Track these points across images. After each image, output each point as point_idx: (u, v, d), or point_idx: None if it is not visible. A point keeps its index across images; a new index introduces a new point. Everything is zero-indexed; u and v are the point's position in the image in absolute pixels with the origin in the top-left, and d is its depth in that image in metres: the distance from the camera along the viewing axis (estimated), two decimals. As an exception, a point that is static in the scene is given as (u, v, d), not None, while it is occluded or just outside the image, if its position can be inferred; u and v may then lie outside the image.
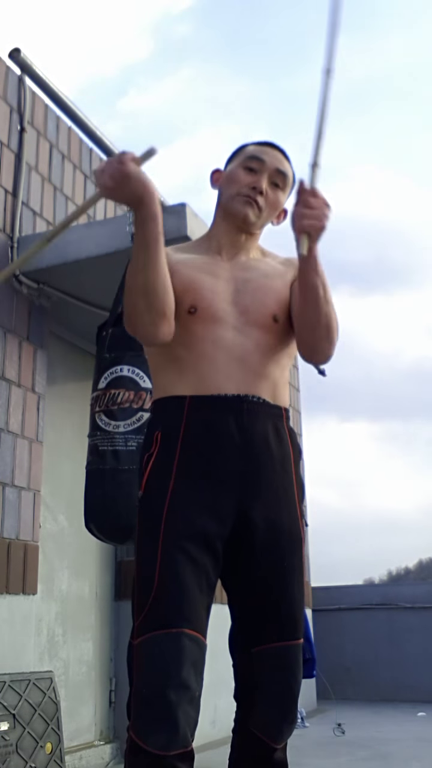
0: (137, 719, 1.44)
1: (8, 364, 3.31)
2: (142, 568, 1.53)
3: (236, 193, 1.74)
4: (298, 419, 7.20)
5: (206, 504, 1.56)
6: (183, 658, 1.44)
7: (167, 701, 1.41)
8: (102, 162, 1.48)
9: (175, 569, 1.49)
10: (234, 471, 1.58)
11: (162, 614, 1.46)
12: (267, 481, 1.62)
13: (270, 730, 1.58)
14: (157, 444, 1.60)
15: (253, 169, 1.74)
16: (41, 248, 1.64)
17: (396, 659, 7.35)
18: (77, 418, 3.88)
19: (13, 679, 2.83)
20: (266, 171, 1.75)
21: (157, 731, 1.41)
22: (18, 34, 52.59)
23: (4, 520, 3.13)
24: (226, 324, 1.66)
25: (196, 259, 1.74)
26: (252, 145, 1.79)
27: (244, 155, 1.77)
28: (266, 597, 1.60)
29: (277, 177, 1.75)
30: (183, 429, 1.59)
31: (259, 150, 1.77)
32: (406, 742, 4.62)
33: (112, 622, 4.03)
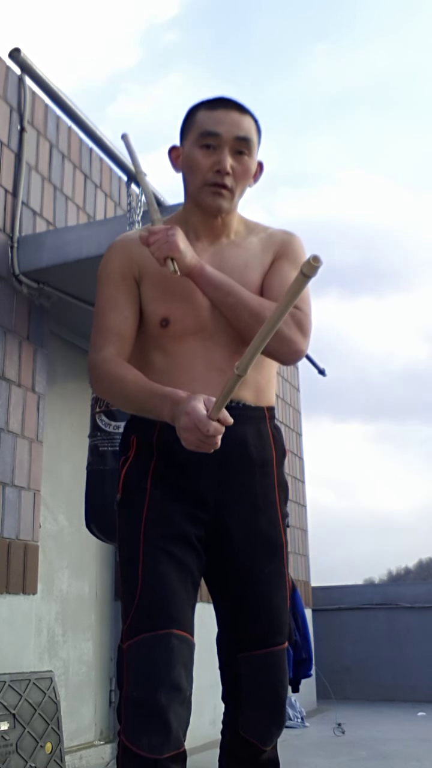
0: (128, 723, 1.42)
1: (8, 364, 3.31)
2: (125, 571, 1.52)
3: (202, 183, 1.59)
4: (298, 419, 7.20)
5: (183, 510, 1.53)
6: (173, 660, 1.42)
7: (158, 704, 1.38)
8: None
9: (159, 570, 1.47)
10: (209, 480, 1.54)
11: (148, 616, 1.44)
12: (244, 489, 1.57)
13: (259, 733, 1.56)
14: (133, 448, 1.59)
15: (210, 146, 1.57)
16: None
17: (396, 659, 7.35)
18: (77, 418, 3.89)
19: (13, 679, 2.83)
20: (226, 144, 1.57)
21: (149, 734, 1.38)
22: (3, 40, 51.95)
23: (4, 520, 3.13)
24: (203, 333, 1.58)
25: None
26: (202, 110, 1.60)
27: (198, 130, 1.59)
28: (246, 605, 1.57)
29: (239, 145, 1.58)
30: (157, 435, 1.55)
31: (211, 119, 1.58)
32: (406, 742, 4.62)
33: (112, 622, 4.03)
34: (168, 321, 1.57)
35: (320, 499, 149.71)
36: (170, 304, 1.58)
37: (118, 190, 4.47)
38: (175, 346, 1.58)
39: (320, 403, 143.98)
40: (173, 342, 1.58)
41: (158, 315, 1.58)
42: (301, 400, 7.35)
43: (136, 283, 1.62)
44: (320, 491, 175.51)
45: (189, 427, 1.35)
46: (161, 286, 1.59)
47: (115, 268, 1.64)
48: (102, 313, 1.63)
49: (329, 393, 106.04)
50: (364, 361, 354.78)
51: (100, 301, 1.64)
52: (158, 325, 1.58)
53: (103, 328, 1.62)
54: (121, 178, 4.44)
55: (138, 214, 3.08)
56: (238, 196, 1.63)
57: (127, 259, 1.64)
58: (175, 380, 1.54)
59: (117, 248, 1.67)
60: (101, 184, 4.32)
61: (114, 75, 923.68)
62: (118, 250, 1.66)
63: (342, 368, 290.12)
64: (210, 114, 1.59)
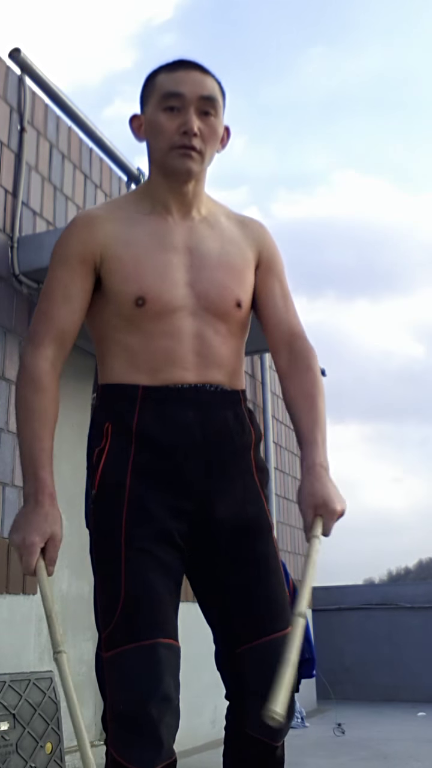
0: (118, 737, 1.36)
1: (8, 364, 3.31)
2: (103, 574, 1.45)
3: (168, 147, 1.49)
4: (298, 419, 7.19)
5: (166, 503, 1.44)
6: (161, 671, 1.36)
7: (149, 718, 1.33)
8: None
9: (143, 575, 1.39)
10: (195, 469, 1.46)
11: (133, 626, 1.37)
12: (230, 477, 1.50)
13: (269, 729, 1.41)
14: (107, 437, 1.48)
15: (174, 108, 1.48)
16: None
17: (396, 659, 7.35)
18: (77, 418, 3.88)
19: (13, 679, 2.83)
20: (190, 104, 1.48)
21: (140, 749, 1.33)
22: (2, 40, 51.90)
23: (4, 520, 3.13)
24: (182, 311, 1.49)
25: (141, 231, 1.52)
26: (162, 74, 1.52)
27: (159, 93, 1.50)
28: (240, 592, 1.49)
29: (204, 105, 1.49)
30: (136, 422, 1.45)
31: (172, 80, 1.49)
32: (406, 742, 4.62)
33: (112, 622, 4.03)
34: (144, 300, 1.45)
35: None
36: (144, 282, 1.46)
37: (118, 190, 4.47)
38: (153, 325, 1.47)
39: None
40: (151, 321, 1.47)
41: (131, 294, 1.46)
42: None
43: (95, 267, 1.49)
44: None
45: (18, 548, 1.42)
46: (131, 264, 1.47)
47: (74, 249, 1.50)
48: (50, 298, 1.50)
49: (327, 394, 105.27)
50: (361, 362, 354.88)
51: (51, 284, 1.51)
52: (132, 305, 1.46)
53: (48, 316, 1.50)
54: (121, 178, 4.45)
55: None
56: (208, 160, 1.54)
57: (88, 239, 1.49)
58: (154, 362, 1.46)
59: (78, 226, 1.52)
60: (101, 184, 4.32)
61: (110, 77, 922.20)
62: (79, 228, 1.52)
63: (339, 369, 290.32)
64: (171, 75, 1.50)
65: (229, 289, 1.53)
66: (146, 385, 1.46)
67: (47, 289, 1.51)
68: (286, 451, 6.78)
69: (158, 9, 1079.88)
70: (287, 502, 6.57)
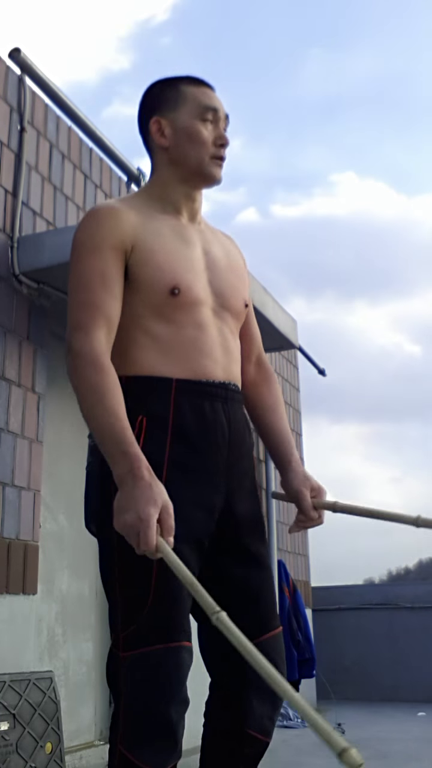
0: (132, 736, 1.36)
1: (8, 364, 3.31)
2: (131, 572, 1.42)
3: (208, 156, 1.58)
4: (298, 419, 7.20)
5: (199, 500, 1.46)
6: (182, 674, 1.39)
7: (169, 719, 1.35)
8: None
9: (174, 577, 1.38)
10: (224, 464, 1.51)
11: (160, 627, 1.38)
12: (245, 472, 1.57)
13: (265, 726, 1.52)
14: (142, 431, 1.44)
15: (208, 121, 1.59)
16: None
17: (396, 659, 7.35)
18: (77, 418, 3.87)
19: (13, 679, 2.83)
20: (221, 120, 1.61)
21: (155, 749, 1.35)
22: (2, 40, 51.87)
23: (4, 520, 3.13)
24: (206, 306, 1.55)
25: (162, 225, 1.56)
26: (189, 86, 1.61)
27: (195, 105, 1.59)
28: (250, 590, 1.54)
29: (226, 123, 1.63)
30: (172, 417, 1.45)
31: (206, 96, 1.61)
32: (406, 742, 4.62)
33: (112, 622, 4.03)
34: (179, 289, 1.49)
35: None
36: (176, 273, 1.50)
37: (118, 190, 4.47)
38: (184, 316, 1.50)
39: (317, 404, 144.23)
40: (182, 312, 1.50)
41: (167, 283, 1.49)
42: (301, 400, 7.35)
43: (125, 255, 1.49)
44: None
45: (133, 530, 1.27)
46: (163, 254, 1.51)
47: (105, 237, 1.48)
48: (88, 288, 1.46)
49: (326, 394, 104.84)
50: (360, 362, 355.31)
51: (86, 274, 1.47)
52: (167, 293, 1.48)
53: (91, 304, 1.44)
54: (121, 178, 4.45)
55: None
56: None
57: (117, 227, 1.49)
58: (185, 353, 1.49)
59: (104, 216, 1.51)
60: (101, 184, 4.32)
61: (109, 78, 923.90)
62: (105, 218, 1.51)
63: (338, 369, 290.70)
64: (202, 91, 1.61)
65: (239, 290, 1.63)
66: (179, 378, 1.48)
67: (82, 279, 1.48)
68: (286, 451, 6.78)
69: (155, 10, 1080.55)
70: (287, 502, 6.57)
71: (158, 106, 1.61)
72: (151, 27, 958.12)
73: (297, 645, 5.70)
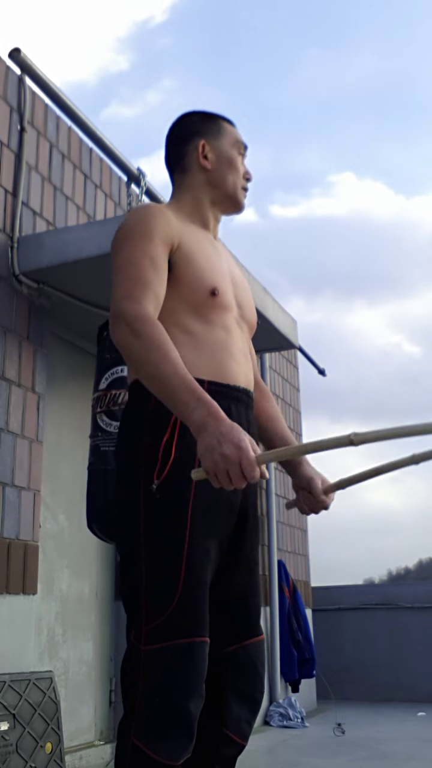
0: (148, 728, 1.37)
1: (8, 364, 3.31)
2: (159, 565, 1.43)
3: (240, 185, 1.75)
4: (298, 419, 7.19)
5: (226, 499, 1.51)
6: (203, 669, 1.42)
7: (188, 714, 1.38)
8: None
9: (201, 574, 1.44)
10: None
11: (186, 622, 1.41)
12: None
13: (242, 729, 1.56)
14: (176, 428, 1.47)
15: (241, 154, 1.78)
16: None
17: (396, 659, 7.35)
18: (77, 418, 3.89)
19: (13, 679, 2.83)
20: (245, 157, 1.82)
21: (172, 742, 1.37)
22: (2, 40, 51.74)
23: (4, 520, 3.13)
24: (233, 313, 1.64)
25: (199, 234, 1.66)
26: (227, 124, 1.79)
27: (233, 138, 1.77)
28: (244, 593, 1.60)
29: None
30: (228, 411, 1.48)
31: (239, 133, 1.80)
32: (406, 742, 4.62)
33: (112, 622, 4.03)
34: (217, 291, 1.58)
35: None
36: (214, 276, 1.60)
37: (118, 190, 4.47)
38: (217, 317, 1.59)
39: (316, 404, 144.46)
40: (216, 313, 1.59)
41: (208, 284, 1.58)
42: (301, 400, 7.34)
43: (171, 251, 1.56)
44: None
45: (234, 459, 1.27)
46: (203, 258, 1.60)
47: (157, 229, 1.55)
48: (139, 266, 1.50)
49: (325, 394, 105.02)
50: (359, 362, 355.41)
51: (137, 254, 1.51)
52: (207, 293, 1.57)
53: (141, 280, 1.48)
54: (121, 178, 4.44)
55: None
56: None
57: (169, 225, 1.58)
58: (214, 351, 1.56)
59: (158, 211, 1.60)
60: (101, 184, 4.32)
61: (107, 79, 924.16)
62: (158, 213, 1.59)
63: (337, 369, 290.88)
64: (234, 128, 1.80)
65: (253, 307, 1.75)
66: (210, 380, 1.53)
67: (132, 258, 1.51)
68: (286, 451, 6.77)
69: (153, 11, 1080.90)
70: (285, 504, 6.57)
71: (203, 132, 1.75)
72: (149, 28, 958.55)
73: (297, 645, 5.69)
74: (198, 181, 1.72)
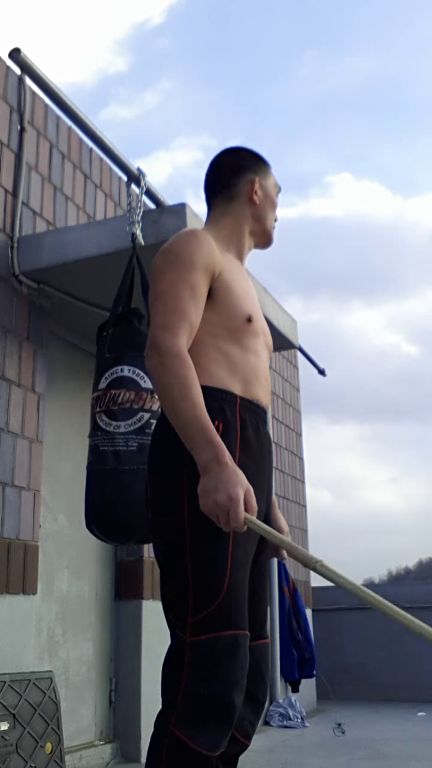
0: (190, 718, 1.40)
1: (8, 364, 3.31)
2: (206, 562, 1.48)
3: (273, 223, 1.91)
4: (298, 419, 7.20)
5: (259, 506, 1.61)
6: (246, 661, 1.47)
7: (231, 704, 1.41)
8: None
9: (244, 570, 1.53)
10: (268, 477, 1.72)
11: (232, 615, 1.46)
12: (270, 487, 1.77)
13: (246, 728, 1.60)
14: (218, 433, 1.53)
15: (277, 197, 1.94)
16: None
17: (396, 659, 7.35)
18: (77, 418, 3.88)
19: (13, 679, 2.83)
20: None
21: (213, 732, 1.40)
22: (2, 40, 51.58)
23: (4, 520, 3.13)
24: (260, 339, 1.76)
25: (234, 263, 1.77)
26: (268, 166, 1.92)
27: (274, 182, 1.92)
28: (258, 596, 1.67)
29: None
30: (240, 428, 1.61)
31: (276, 178, 1.94)
32: (406, 742, 4.62)
33: (112, 622, 4.03)
34: (252, 319, 1.70)
35: (318, 500, 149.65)
36: (248, 305, 1.71)
37: (118, 190, 4.47)
38: (249, 342, 1.70)
39: (315, 404, 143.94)
40: (249, 339, 1.70)
41: (245, 311, 1.69)
42: (301, 400, 7.35)
43: (212, 279, 1.66)
44: (318, 492, 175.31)
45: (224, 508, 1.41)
46: (240, 287, 1.71)
47: (202, 257, 1.64)
48: (179, 296, 1.60)
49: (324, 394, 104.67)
50: (357, 363, 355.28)
51: (178, 284, 1.61)
52: (244, 320, 1.68)
53: (179, 310, 1.58)
54: (121, 178, 4.44)
55: (138, 214, 3.08)
56: None
57: (211, 253, 1.66)
58: (246, 375, 1.67)
59: (201, 240, 1.67)
60: (101, 184, 4.32)
61: (105, 80, 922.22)
62: (204, 240, 1.67)
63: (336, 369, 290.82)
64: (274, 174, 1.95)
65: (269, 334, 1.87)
66: (241, 395, 1.65)
67: (174, 287, 1.61)
68: (286, 451, 6.79)
69: (151, 13, 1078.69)
70: (287, 502, 6.57)
71: (256, 170, 1.88)
72: (147, 29, 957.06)
73: (297, 645, 5.70)
74: (244, 212, 1.85)
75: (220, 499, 1.41)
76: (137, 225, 3.05)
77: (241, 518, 1.41)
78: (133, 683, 3.91)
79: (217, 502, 1.41)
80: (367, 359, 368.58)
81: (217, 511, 1.41)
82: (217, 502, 1.41)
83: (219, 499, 1.41)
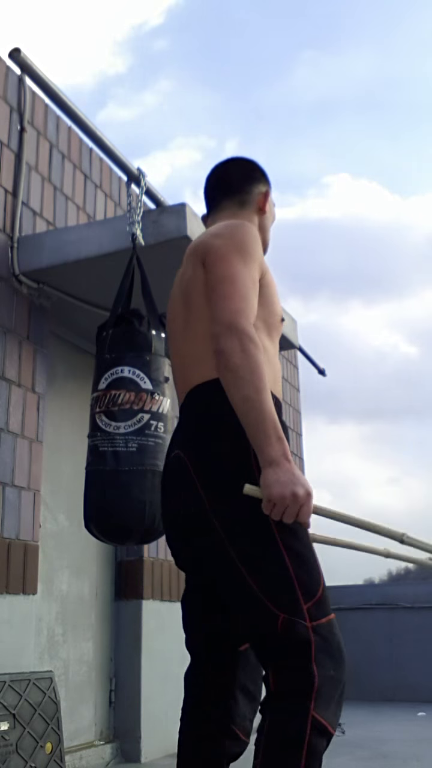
0: (328, 702, 1.44)
1: (8, 364, 3.31)
2: (306, 556, 1.52)
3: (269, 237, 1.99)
4: (298, 419, 7.20)
5: None
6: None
7: (344, 682, 1.48)
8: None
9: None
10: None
11: (329, 600, 1.54)
12: None
13: (246, 727, 1.61)
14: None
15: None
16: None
17: (396, 659, 7.35)
18: (77, 418, 3.88)
19: (13, 679, 2.83)
20: None
21: (335, 712, 1.46)
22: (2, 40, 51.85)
23: (4, 520, 3.13)
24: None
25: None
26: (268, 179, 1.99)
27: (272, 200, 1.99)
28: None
29: None
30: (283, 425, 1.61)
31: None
32: (406, 742, 4.62)
33: (112, 622, 4.03)
34: (283, 319, 1.79)
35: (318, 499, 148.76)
36: (280, 304, 1.79)
37: (118, 190, 4.47)
38: (277, 340, 1.76)
39: (315, 404, 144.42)
40: (277, 336, 1.76)
41: (280, 310, 1.77)
42: (301, 400, 7.34)
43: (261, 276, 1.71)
44: (317, 491, 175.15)
45: (300, 501, 1.43)
46: (275, 286, 1.78)
47: (259, 253, 1.72)
48: (246, 286, 1.61)
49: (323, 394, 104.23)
50: (356, 363, 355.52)
51: (244, 274, 1.62)
52: (279, 318, 1.76)
53: (250, 301, 1.60)
54: (121, 178, 4.44)
55: (138, 214, 3.08)
56: None
57: (261, 251, 1.74)
58: (275, 371, 1.71)
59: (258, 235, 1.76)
60: (101, 184, 4.32)
61: (104, 81, 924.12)
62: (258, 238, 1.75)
63: (335, 370, 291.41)
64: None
65: None
66: (274, 394, 1.64)
67: (242, 276, 1.62)
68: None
69: (149, 15, 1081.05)
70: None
71: (266, 183, 1.96)
72: (145, 31, 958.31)
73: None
74: (252, 219, 1.90)
75: (299, 491, 1.42)
76: (137, 225, 3.05)
77: (310, 512, 1.46)
78: (133, 683, 3.91)
79: (296, 494, 1.41)
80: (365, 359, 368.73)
81: (290, 502, 1.42)
82: (295, 494, 1.41)
83: (298, 491, 1.42)
